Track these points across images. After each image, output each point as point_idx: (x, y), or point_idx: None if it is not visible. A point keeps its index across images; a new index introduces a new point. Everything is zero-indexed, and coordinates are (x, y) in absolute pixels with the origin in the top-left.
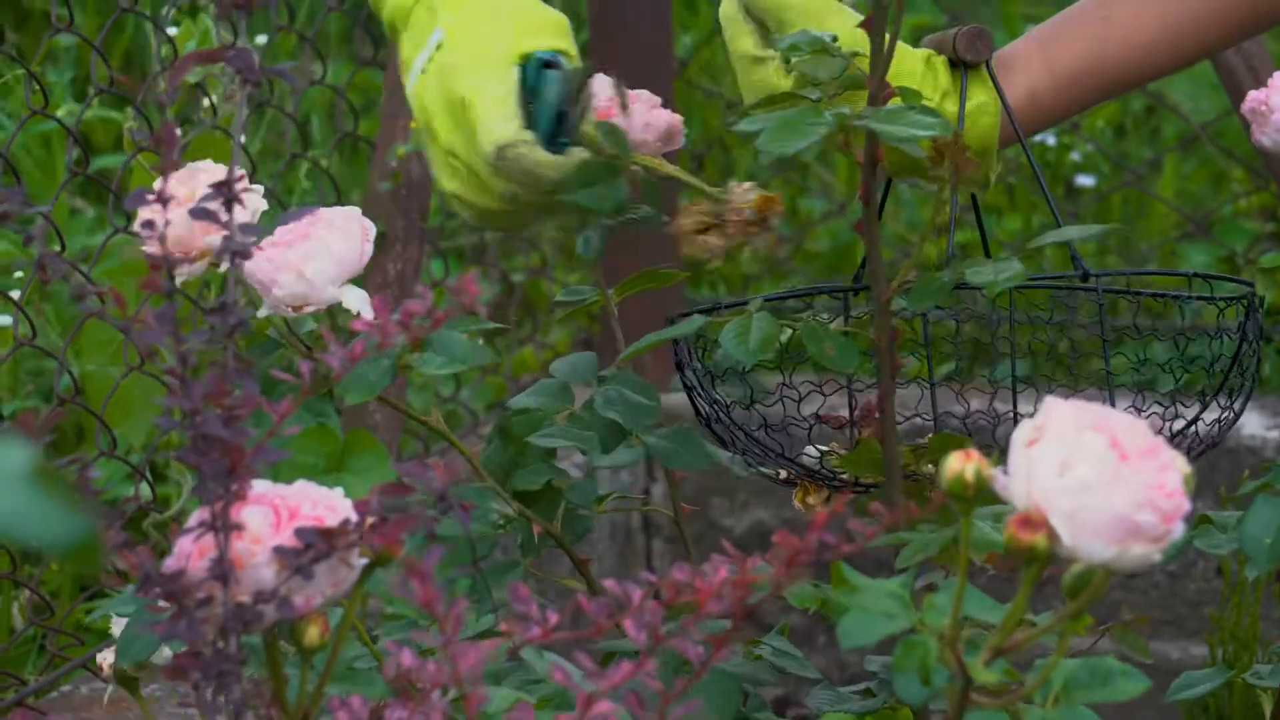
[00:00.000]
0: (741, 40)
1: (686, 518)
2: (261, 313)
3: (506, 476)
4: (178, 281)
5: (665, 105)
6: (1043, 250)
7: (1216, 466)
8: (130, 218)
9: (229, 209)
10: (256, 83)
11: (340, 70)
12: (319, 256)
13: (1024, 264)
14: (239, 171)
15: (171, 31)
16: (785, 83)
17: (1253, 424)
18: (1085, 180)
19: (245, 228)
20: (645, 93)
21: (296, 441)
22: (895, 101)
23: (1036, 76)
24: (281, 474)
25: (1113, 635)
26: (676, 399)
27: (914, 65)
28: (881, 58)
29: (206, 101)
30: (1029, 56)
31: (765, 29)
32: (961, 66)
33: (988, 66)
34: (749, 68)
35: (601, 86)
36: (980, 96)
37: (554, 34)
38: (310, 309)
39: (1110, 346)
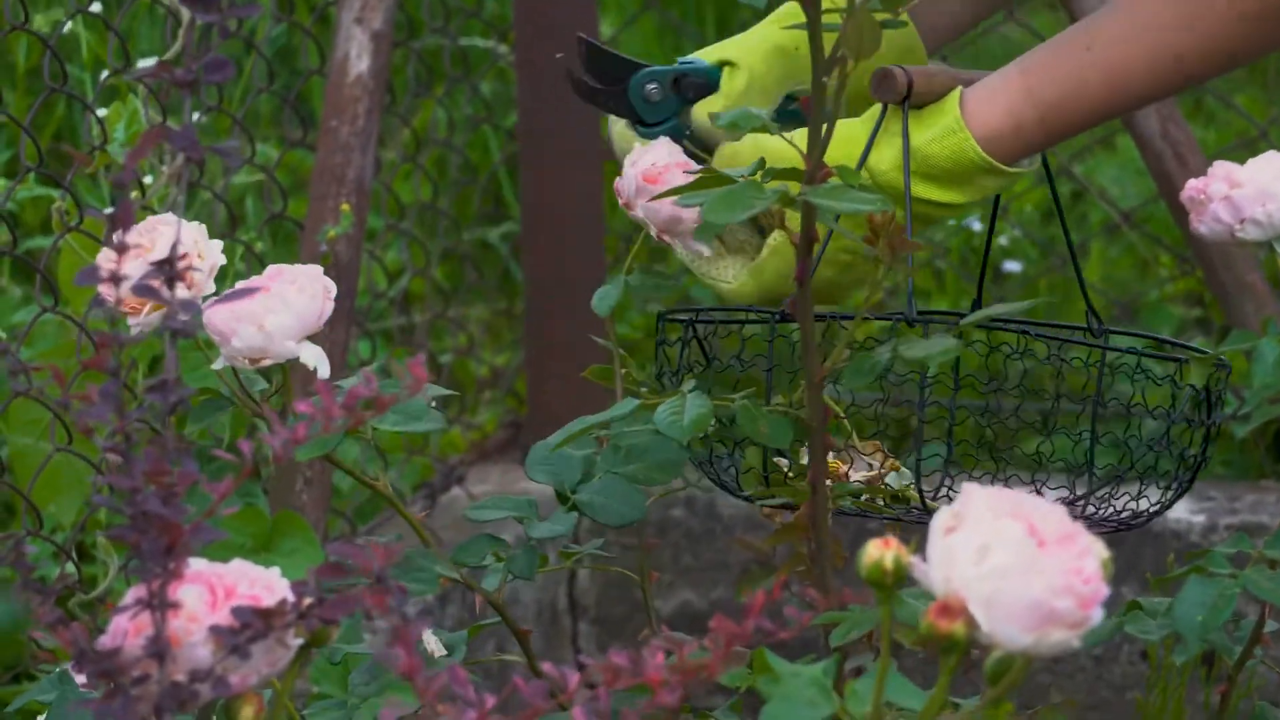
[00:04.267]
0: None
1: (611, 600)
2: (217, 364)
3: None
4: (134, 330)
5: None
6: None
7: (1141, 552)
8: (58, 298)
9: (170, 286)
10: (200, 161)
11: (269, 150)
12: (280, 310)
13: (956, 341)
14: (181, 249)
15: (101, 112)
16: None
17: (1178, 508)
18: (1012, 266)
19: (186, 304)
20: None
21: (225, 522)
22: (834, 180)
23: (1020, 105)
24: (210, 554)
25: (1040, 718)
26: None
27: (859, 130)
28: (819, 139)
29: (140, 181)
30: (1012, 85)
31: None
32: (901, 105)
33: (903, 107)
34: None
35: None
36: (938, 124)
37: None
38: (267, 362)
39: (1045, 429)
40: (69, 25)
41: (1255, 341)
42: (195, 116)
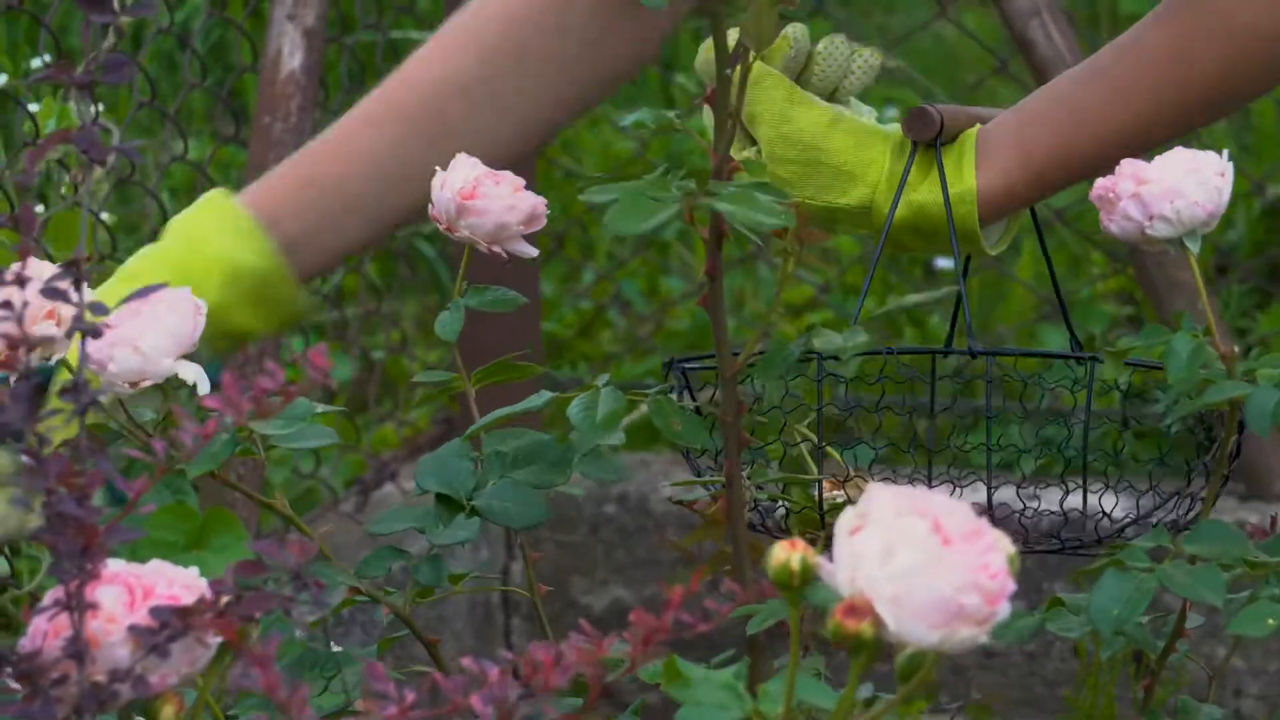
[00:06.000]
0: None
1: (544, 596)
2: (100, 396)
3: None
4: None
5: (528, 187)
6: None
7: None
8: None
9: (78, 288)
10: (103, 162)
11: (202, 146)
12: (153, 330)
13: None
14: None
15: (33, 108)
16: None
17: (1110, 505)
18: (944, 263)
19: (95, 305)
20: (509, 174)
21: (155, 519)
22: (740, 176)
23: (1013, 164)
24: (140, 552)
25: (968, 714)
26: None
27: (881, 150)
28: (725, 132)
29: (67, 178)
30: (1006, 143)
31: (746, 133)
32: (936, 148)
33: (936, 149)
34: None
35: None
36: (956, 186)
37: None
38: (147, 383)
39: (969, 428)
40: None
41: (1169, 337)
42: (97, 113)
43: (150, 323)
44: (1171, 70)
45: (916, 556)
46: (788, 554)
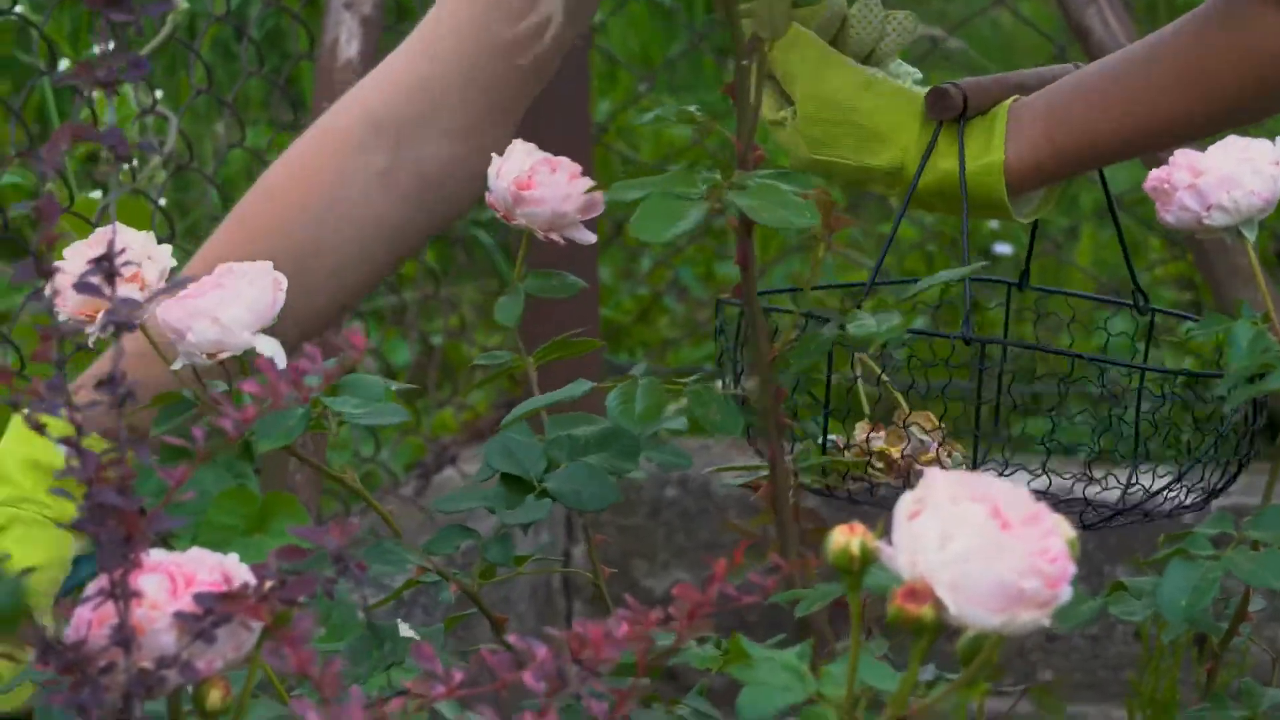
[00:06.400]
0: (761, 107)
1: (606, 579)
2: (176, 365)
3: None
4: (89, 342)
5: (585, 173)
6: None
7: (1134, 532)
8: (49, 278)
9: (110, 282)
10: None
11: (260, 133)
12: (233, 303)
13: (907, 315)
14: (130, 240)
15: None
16: (804, 145)
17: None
18: (1003, 249)
19: (126, 300)
20: (565, 161)
21: (216, 503)
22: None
23: (1040, 143)
24: (201, 536)
25: (1031, 697)
26: None
27: (912, 114)
28: (747, 119)
29: (126, 166)
30: (1036, 123)
31: (783, 93)
32: (958, 123)
33: (959, 126)
34: (773, 132)
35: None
36: (984, 158)
37: None
38: (224, 355)
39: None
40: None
41: (1229, 324)
42: (155, 101)
43: (231, 295)
44: (1192, 82)
45: (975, 541)
46: (847, 538)
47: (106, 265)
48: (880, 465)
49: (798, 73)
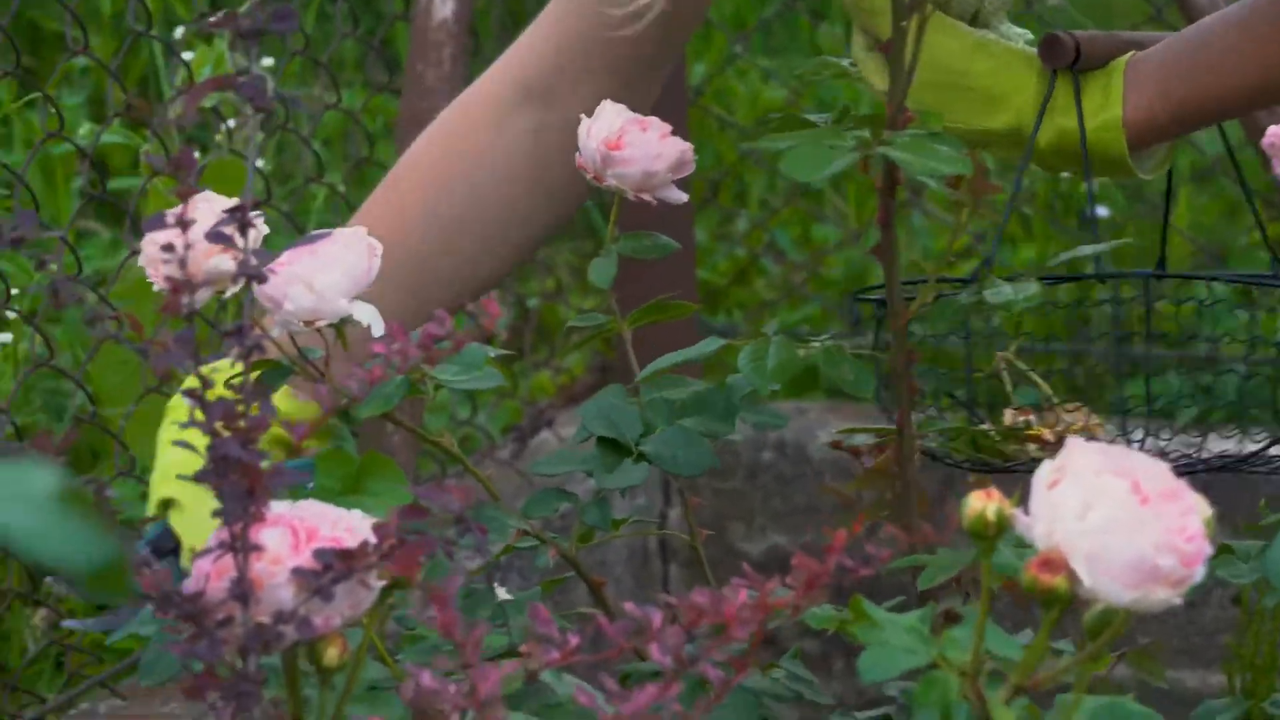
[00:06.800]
0: (873, 78)
1: (704, 542)
2: (273, 332)
3: None
4: (196, 303)
5: (677, 133)
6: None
7: (1237, 497)
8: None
9: (243, 233)
10: (268, 110)
11: (355, 95)
12: (329, 269)
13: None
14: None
15: (187, 56)
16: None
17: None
18: (1100, 211)
19: (259, 252)
20: (655, 120)
21: (313, 464)
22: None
23: (1155, 98)
24: (298, 497)
25: (1130, 661)
26: None
27: (1026, 73)
28: (901, 81)
29: (223, 126)
30: (1151, 77)
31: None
32: (1073, 75)
33: (1073, 76)
34: (884, 101)
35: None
36: (1102, 114)
37: None
38: (321, 323)
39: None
40: None
41: None
42: (269, 61)
43: (326, 261)
44: None
45: (1114, 513)
46: (984, 504)
47: (240, 216)
48: (1034, 446)
49: None
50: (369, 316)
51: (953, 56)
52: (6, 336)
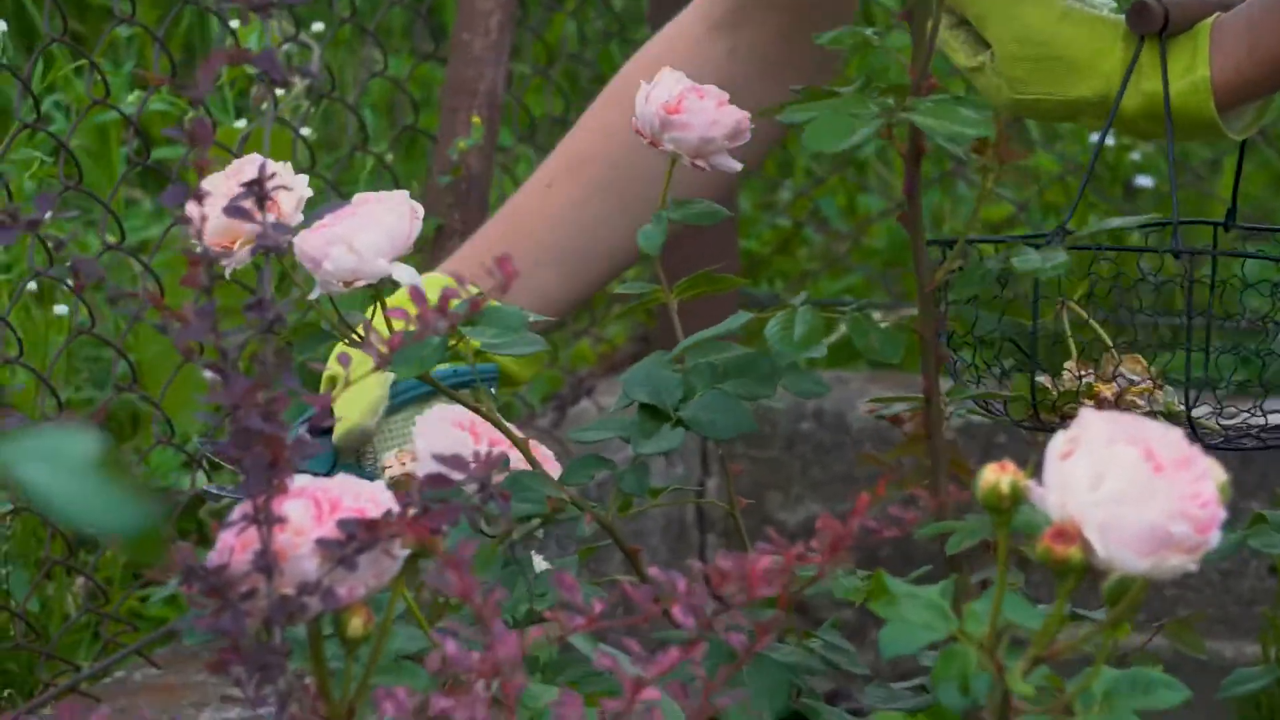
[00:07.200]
0: (956, 56)
1: (742, 511)
2: (313, 295)
3: None
4: (227, 271)
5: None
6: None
7: (1272, 468)
8: (201, 201)
9: (260, 206)
10: (284, 83)
11: (401, 63)
12: (369, 229)
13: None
14: (270, 168)
15: (233, 24)
16: (1005, 87)
17: None
18: (1144, 181)
19: (277, 225)
20: (713, 88)
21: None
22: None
23: (1243, 56)
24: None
25: (1167, 632)
26: None
27: (1112, 40)
28: (924, 48)
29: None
30: (1238, 35)
31: (977, 38)
32: (1159, 40)
33: (1160, 41)
34: (971, 79)
35: None
36: (1188, 76)
37: None
38: (361, 283)
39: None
40: None
41: None
42: (319, 27)
43: (366, 221)
44: None
45: (1126, 483)
46: (997, 476)
47: (258, 190)
48: (1090, 404)
49: (989, 12)
50: (409, 277)
51: (1038, 26)
52: (63, 309)
